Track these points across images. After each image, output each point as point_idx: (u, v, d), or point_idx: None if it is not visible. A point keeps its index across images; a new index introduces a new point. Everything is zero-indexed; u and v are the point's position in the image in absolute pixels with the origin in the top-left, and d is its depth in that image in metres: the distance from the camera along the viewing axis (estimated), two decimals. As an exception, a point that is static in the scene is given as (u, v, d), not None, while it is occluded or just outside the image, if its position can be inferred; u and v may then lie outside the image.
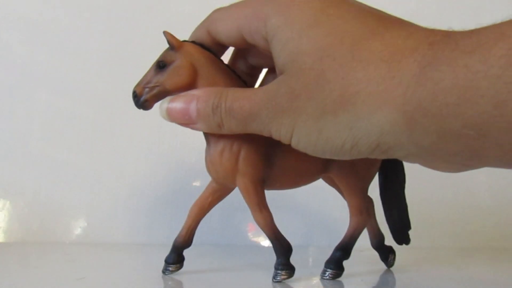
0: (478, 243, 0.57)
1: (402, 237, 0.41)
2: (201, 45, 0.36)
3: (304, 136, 0.28)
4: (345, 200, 0.39)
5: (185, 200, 0.58)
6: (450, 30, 0.25)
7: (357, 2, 0.29)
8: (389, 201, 0.41)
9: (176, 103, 0.33)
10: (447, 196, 0.59)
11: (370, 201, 0.42)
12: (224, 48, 0.37)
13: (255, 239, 0.58)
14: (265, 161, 0.35)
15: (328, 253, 0.39)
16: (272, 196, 0.37)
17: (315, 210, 0.58)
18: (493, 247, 0.57)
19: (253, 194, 0.35)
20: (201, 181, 0.59)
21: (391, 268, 0.42)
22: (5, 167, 0.59)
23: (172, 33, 0.35)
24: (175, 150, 0.59)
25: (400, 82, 0.24)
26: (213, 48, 0.36)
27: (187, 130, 0.40)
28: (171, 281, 0.37)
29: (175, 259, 0.38)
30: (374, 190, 0.40)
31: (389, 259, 0.42)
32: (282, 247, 0.36)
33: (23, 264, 0.45)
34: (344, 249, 0.38)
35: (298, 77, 0.27)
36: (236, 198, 0.38)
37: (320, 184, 0.41)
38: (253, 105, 0.30)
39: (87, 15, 0.62)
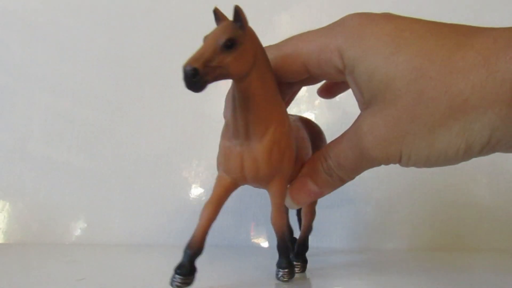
0: (478, 243, 0.57)
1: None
2: None
3: (414, 155, 0.29)
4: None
5: (184, 201, 0.59)
6: None
7: (421, 19, 0.30)
8: None
9: (296, 194, 0.34)
10: (447, 196, 0.58)
11: None
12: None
13: (255, 240, 0.57)
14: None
15: (322, 254, 0.39)
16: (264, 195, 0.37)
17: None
18: (493, 247, 0.56)
19: (283, 196, 0.34)
20: (201, 182, 0.59)
21: (392, 269, 0.42)
22: (4, 169, 0.59)
23: (171, 34, 0.33)
24: (174, 152, 0.59)
25: (503, 80, 0.26)
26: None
27: (186, 131, 0.40)
28: (171, 282, 0.37)
29: (189, 268, 0.31)
30: (374, 191, 0.40)
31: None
32: (288, 248, 0.36)
33: (23, 265, 0.45)
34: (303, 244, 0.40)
35: (395, 103, 0.28)
36: (235, 199, 0.38)
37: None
38: (355, 152, 0.31)
39: (87, 16, 0.62)
